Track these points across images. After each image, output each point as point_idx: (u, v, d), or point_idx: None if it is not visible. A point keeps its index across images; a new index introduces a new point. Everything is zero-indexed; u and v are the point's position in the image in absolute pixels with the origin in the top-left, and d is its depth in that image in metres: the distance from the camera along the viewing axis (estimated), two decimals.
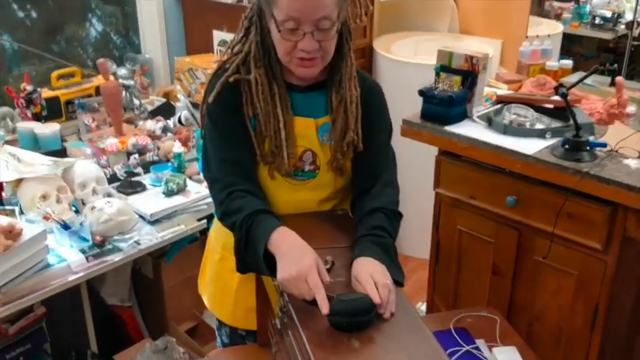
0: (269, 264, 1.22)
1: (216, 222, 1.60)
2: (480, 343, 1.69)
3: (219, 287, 1.60)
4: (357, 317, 1.11)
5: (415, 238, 2.68)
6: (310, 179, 1.42)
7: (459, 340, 1.68)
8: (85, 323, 2.25)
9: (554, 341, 1.93)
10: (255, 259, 1.24)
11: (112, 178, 2.31)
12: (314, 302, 1.12)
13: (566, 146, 1.72)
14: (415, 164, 2.55)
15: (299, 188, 1.42)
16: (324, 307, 1.09)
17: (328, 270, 1.24)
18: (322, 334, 1.10)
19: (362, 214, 1.36)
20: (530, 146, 1.78)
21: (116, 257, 1.92)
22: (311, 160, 1.40)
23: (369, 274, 1.16)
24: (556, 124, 1.91)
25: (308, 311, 1.14)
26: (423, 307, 2.54)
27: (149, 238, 2.01)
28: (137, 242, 1.98)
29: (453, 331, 1.72)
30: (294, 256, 1.17)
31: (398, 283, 1.23)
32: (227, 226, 1.35)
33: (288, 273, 1.15)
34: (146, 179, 2.31)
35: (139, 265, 2.46)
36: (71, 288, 1.88)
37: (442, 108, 1.89)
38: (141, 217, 2.10)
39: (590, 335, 1.82)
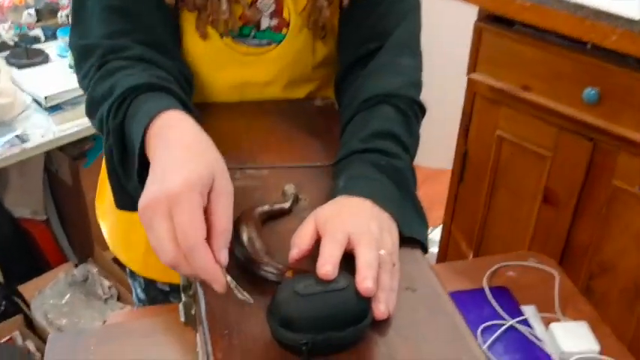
0: None
1: None
2: (530, 312, 1.22)
3: (124, 220, 1.11)
4: (329, 332, 0.54)
5: (430, 141, 2.18)
6: (272, 44, 0.95)
7: (497, 309, 1.21)
8: None
9: (625, 302, 1.51)
10: (131, 176, 0.73)
11: (4, 45, 1.82)
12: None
13: None
14: (440, 35, 2.09)
15: (252, 60, 0.95)
16: (216, 282, 0.59)
17: (288, 210, 0.73)
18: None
19: (355, 104, 0.87)
20: (634, 6, 1.28)
21: None
22: (273, 8, 0.93)
23: (346, 233, 0.63)
24: None
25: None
26: (434, 234, 2.07)
27: (41, 132, 1.58)
28: (20, 138, 1.54)
29: (487, 292, 1.24)
30: (163, 167, 0.64)
31: (417, 242, 0.73)
32: (95, 126, 0.82)
33: (143, 200, 0.62)
34: (52, 47, 1.86)
35: (56, 166, 2.02)
36: None
37: None
38: (35, 101, 1.63)
39: None
